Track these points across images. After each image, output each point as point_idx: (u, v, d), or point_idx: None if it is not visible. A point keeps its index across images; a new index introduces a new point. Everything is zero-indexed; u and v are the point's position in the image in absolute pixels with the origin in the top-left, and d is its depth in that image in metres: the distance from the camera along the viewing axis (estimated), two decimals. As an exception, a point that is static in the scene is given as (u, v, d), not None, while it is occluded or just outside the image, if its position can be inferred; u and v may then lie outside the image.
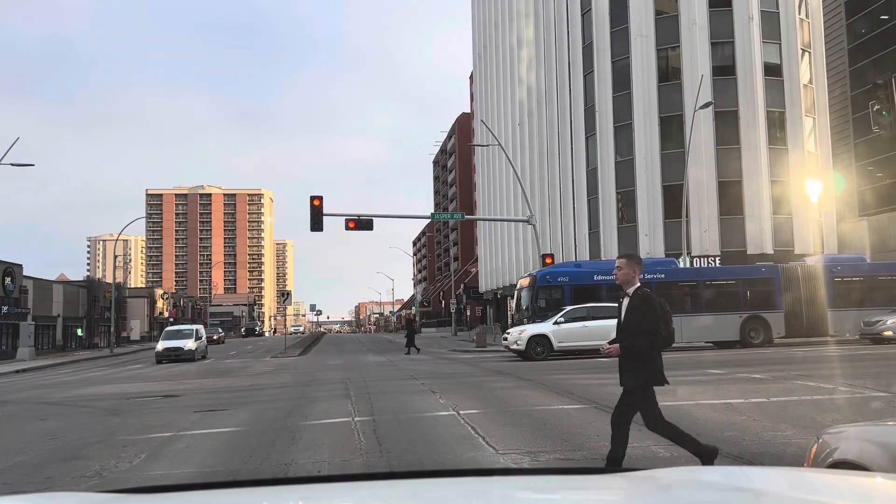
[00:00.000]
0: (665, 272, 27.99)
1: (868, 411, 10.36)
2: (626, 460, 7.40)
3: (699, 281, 28.44)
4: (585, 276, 27.86)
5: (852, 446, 3.55)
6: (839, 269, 28.49)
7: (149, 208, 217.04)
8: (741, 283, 28.15)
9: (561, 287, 27.60)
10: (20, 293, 54.46)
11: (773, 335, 27.17)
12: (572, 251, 47.09)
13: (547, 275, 28.31)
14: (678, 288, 28.09)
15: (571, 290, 27.35)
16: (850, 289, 28.09)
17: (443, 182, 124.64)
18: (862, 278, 28.33)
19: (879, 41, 43.35)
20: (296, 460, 8.07)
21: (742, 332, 27.09)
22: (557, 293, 27.52)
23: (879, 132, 20.75)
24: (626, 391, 6.67)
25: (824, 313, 27.43)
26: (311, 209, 31.59)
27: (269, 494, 2.41)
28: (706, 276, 29.29)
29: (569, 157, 47.70)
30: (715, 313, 27.21)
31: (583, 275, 28.06)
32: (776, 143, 40.76)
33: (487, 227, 73.19)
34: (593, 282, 27.27)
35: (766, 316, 27.23)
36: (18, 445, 10.15)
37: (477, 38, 77.44)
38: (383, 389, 15.76)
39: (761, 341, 26.90)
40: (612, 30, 43.32)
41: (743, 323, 27.13)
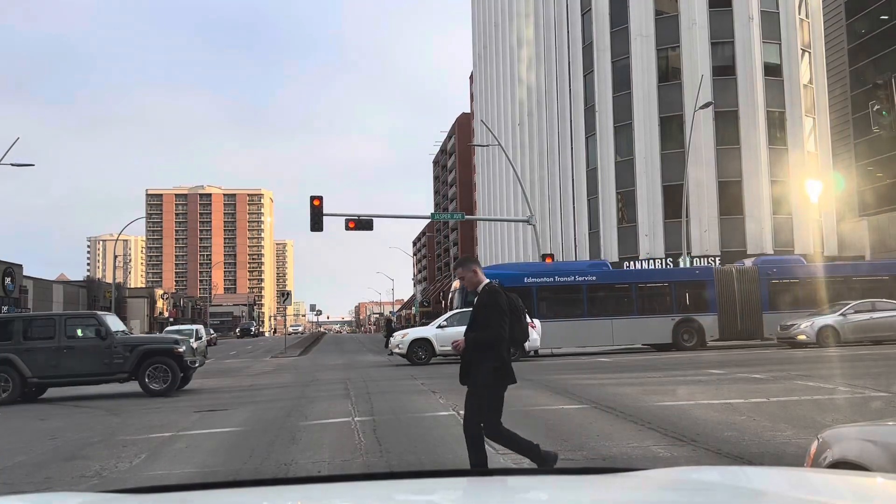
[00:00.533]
0: (597, 274, 27.65)
1: (868, 411, 10.35)
2: (627, 460, 7.40)
3: (631, 283, 28.09)
4: (515, 279, 27.00)
5: (852, 446, 3.55)
6: (775, 271, 28.07)
7: (149, 208, 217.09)
8: (674, 286, 27.73)
9: None
10: (20, 293, 54.47)
11: (706, 338, 26.77)
12: (572, 251, 47.11)
13: None
14: (610, 290, 27.79)
15: None
16: (785, 291, 27.73)
17: (443, 182, 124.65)
18: (798, 280, 27.97)
19: (879, 41, 43.36)
20: (296, 460, 8.07)
21: (675, 335, 26.60)
22: None
23: (879, 132, 20.77)
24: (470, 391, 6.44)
25: (759, 316, 27.03)
26: (311, 209, 31.59)
27: (269, 494, 2.41)
28: (638, 278, 29.02)
29: (569, 157, 47.72)
30: (647, 316, 26.86)
31: (512, 277, 27.22)
32: (776, 143, 40.77)
33: (487, 227, 73.21)
34: (523, 284, 26.55)
35: (699, 318, 26.81)
36: (18, 445, 10.16)
37: (477, 38, 77.47)
38: (383, 389, 15.77)
39: (694, 344, 26.50)
40: (612, 30, 43.33)
41: (675, 325, 26.67)
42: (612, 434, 8.97)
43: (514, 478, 2.92)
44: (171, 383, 16.73)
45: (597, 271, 28.05)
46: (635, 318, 26.93)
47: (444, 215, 53.41)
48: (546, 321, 26.01)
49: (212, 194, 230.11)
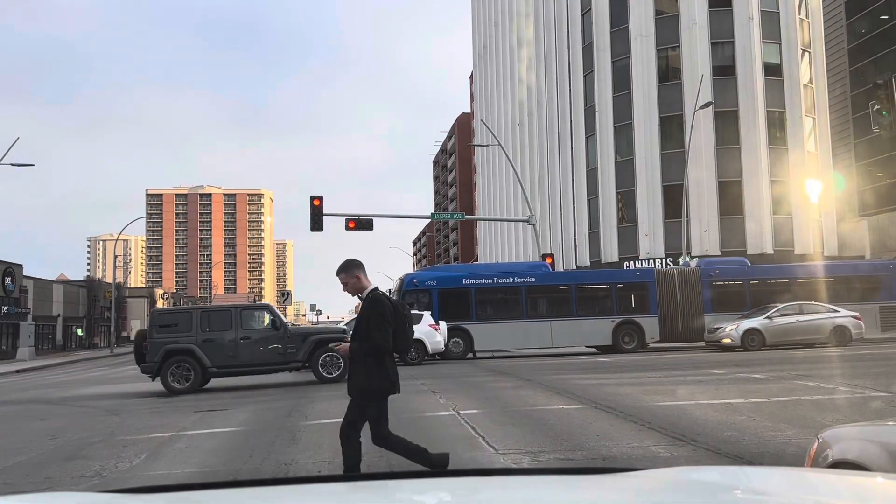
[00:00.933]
0: (536, 276, 27.49)
1: (868, 411, 10.36)
2: (627, 460, 7.40)
3: (571, 285, 27.79)
4: (454, 280, 26.96)
5: (852, 446, 3.55)
6: (717, 272, 27.96)
7: (149, 208, 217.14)
8: (614, 287, 27.61)
9: (429, 291, 26.59)
10: (20, 293, 54.48)
11: (646, 340, 26.71)
12: (572, 251, 47.12)
13: (414, 279, 27.57)
14: (549, 291, 27.65)
15: (439, 295, 26.49)
16: (727, 293, 27.57)
17: (443, 182, 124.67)
18: (740, 282, 27.81)
19: (879, 41, 43.37)
20: (296, 460, 8.08)
21: (615, 337, 26.54)
22: (425, 297, 26.51)
23: (879, 132, 20.77)
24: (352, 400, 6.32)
25: (701, 318, 26.85)
26: (311, 209, 31.59)
27: (270, 494, 2.41)
28: (579, 280, 28.76)
29: (569, 157, 47.72)
30: (587, 317, 26.72)
31: (451, 279, 27.18)
32: (776, 143, 40.77)
33: (487, 226, 73.22)
34: (462, 286, 26.52)
35: (639, 320, 26.75)
36: (18, 445, 10.15)
37: (477, 38, 77.48)
38: (383, 389, 15.74)
39: (634, 346, 26.42)
40: (612, 30, 43.33)
41: (616, 327, 26.62)
42: (612, 434, 8.97)
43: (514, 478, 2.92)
44: (342, 371, 17.54)
45: (536, 273, 27.84)
46: (575, 319, 26.79)
47: (444, 215, 53.37)
48: (484, 323, 26.12)
49: (212, 194, 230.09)
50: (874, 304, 27.04)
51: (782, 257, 39.07)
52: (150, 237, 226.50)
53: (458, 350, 26.05)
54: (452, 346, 25.84)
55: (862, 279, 28.12)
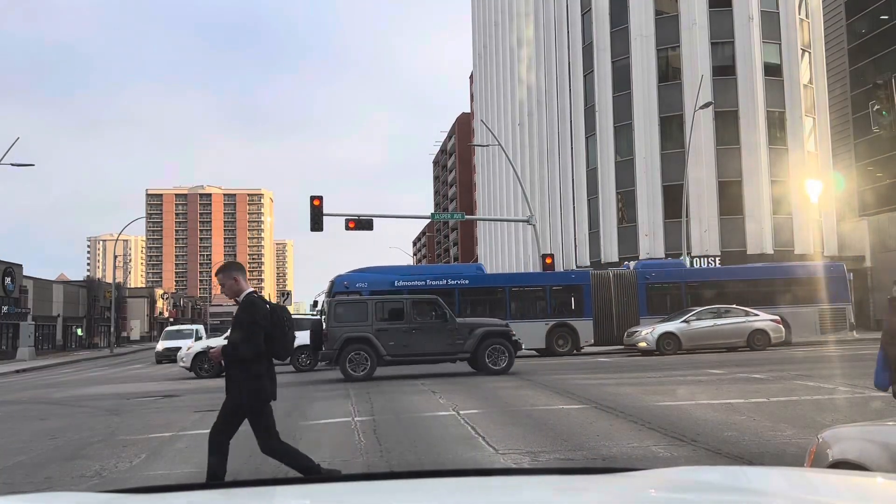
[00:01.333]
0: (469, 278, 27.17)
1: (868, 411, 10.36)
2: (627, 460, 7.40)
3: (505, 287, 27.51)
4: (385, 282, 26.54)
5: (852, 446, 3.56)
6: (653, 275, 27.65)
7: (149, 208, 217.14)
8: (548, 290, 27.41)
9: (359, 293, 26.14)
10: (20, 293, 54.50)
11: (580, 343, 26.51)
12: (572, 251, 47.12)
13: (344, 281, 27.01)
14: (483, 294, 27.34)
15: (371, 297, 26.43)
16: (664, 295, 27.32)
17: (443, 182, 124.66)
18: (677, 284, 27.56)
19: (879, 41, 43.37)
20: (296, 460, 8.06)
21: (548, 340, 26.29)
22: None
23: (879, 132, 20.76)
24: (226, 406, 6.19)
25: (636, 320, 26.56)
26: (311, 209, 31.59)
27: (269, 494, 2.41)
28: (512, 282, 28.39)
29: (569, 157, 47.72)
30: (520, 320, 26.23)
31: (382, 280, 26.71)
32: (776, 143, 40.76)
33: (487, 227, 73.22)
34: (394, 287, 26.01)
35: (573, 323, 26.52)
36: (18, 445, 10.15)
37: (477, 38, 77.49)
38: (383, 389, 15.76)
39: (568, 349, 26.22)
40: (612, 30, 43.33)
41: (549, 330, 26.35)
42: (612, 434, 8.97)
43: (514, 478, 2.92)
44: (508, 363, 18.39)
45: (470, 275, 27.53)
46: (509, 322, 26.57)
47: (444, 215, 53.36)
48: None
49: (212, 194, 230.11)
50: (815, 306, 26.66)
51: (782, 257, 39.05)
52: (150, 237, 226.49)
53: None
54: None
55: (804, 281, 27.68)
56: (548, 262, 33.09)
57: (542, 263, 33.14)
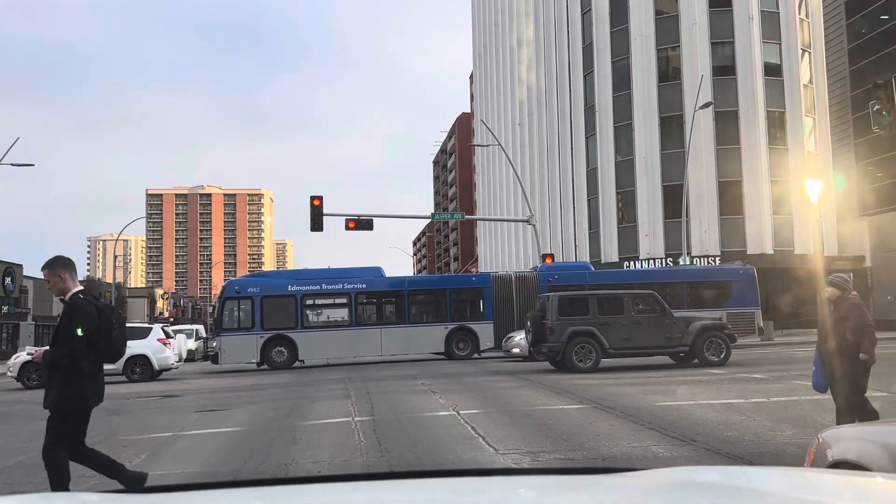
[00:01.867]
0: (367, 281, 26.76)
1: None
2: (627, 460, 7.41)
3: (404, 291, 27.03)
4: (279, 287, 26.26)
5: (852, 446, 3.56)
6: (556, 277, 27.30)
7: (149, 208, 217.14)
8: (448, 293, 26.99)
9: (251, 298, 25.82)
10: (20, 293, 54.51)
11: (480, 347, 26.25)
12: (572, 251, 47.13)
13: (236, 286, 26.88)
14: (382, 298, 27.12)
15: (262, 302, 25.77)
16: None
17: (443, 182, 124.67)
18: (580, 287, 26.73)
19: (879, 41, 43.36)
20: (296, 460, 8.08)
21: (448, 344, 26.07)
22: (247, 305, 25.82)
23: (879, 132, 20.77)
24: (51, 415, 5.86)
25: None
26: (311, 209, 31.60)
27: (270, 494, 2.41)
28: (411, 286, 27.87)
29: (569, 157, 47.73)
30: (420, 324, 26.28)
31: (275, 285, 26.46)
32: (776, 143, 40.76)
33: (487, 226, 73.23)
34: (287, 292, 25.83)
35: (473, 327, 26.31)
36: (18, 445, 10.16)
37: (477, 38, 77.49)
38: (383, 389, 15.77)
39: (468, 353, 26.02)
40: (612, 30, 43.33)
41: (449, 334, 26.11)
42: (612, 434, 8.97)
43: (514, 478, 2.92)
44: (725, 355, 18.82)
45: (367, 278, 27.08)
46: (407, 326, 26.27)
47: (444, 215, 53.36)
48: (310, 331, 25.57)
49: (212, 194, 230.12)
50: (722, 310, 26.24)
51: (782, 257, 39.08)
52: (150, 237, 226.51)
53: (282, 360, 25.25)
54: (275, 356, 25.24)
55: (711, 284, 27.53)
56: (548, 262, 33.09)
57: (542, 263, 33.14)
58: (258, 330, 25.48)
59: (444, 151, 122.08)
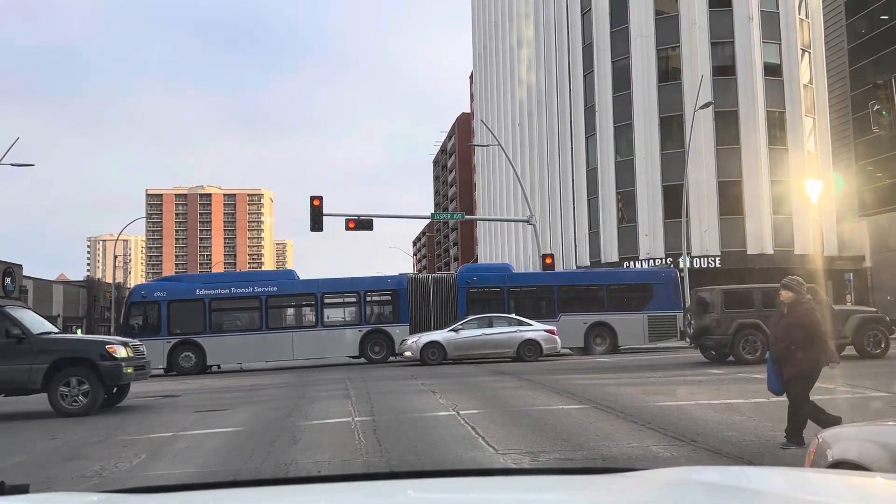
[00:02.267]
0: (278, 284, 26.29)
1: (868, 411, 10.37)
2: (627, 460, 7.41)
3: (317, 294, 26.23)
4: (186, 291, 25.72)
5: (852, 446, 3.56)
6: (475, 279, 27.04)
7: (149, 208, 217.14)
8: (363, 296, 26.43)
9: (157, 303, 25.34)
10: (20, 293, 54.51)
11: (395, 350, 25.54)
12: (572, 251, 47.13)
13: (143, 290, 26.49)
14: (293, 301, 26.67)
15: (169, 307, 25.27)
16: (488, 300, 26.70)
17: (443, 182, 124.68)
18: (498, 289, 26.81)
19: (879, 41, 43.37)
20: (296, 460, 8.08)
21: (362, 347, 25.60)
22: (153, 310, 25.35)
23: (879, 132, 20.78)
24: None
25: None
26: (311, 209, 31.61)
27: (270, 494, 2.41)
28: (325, 289, 26.70)
29: (569, 157, 47.73)
30: (333, 328, 25.82)
31: (183, 289, 25.86)
32: (776, 143, 40.77)
33: (487, 227, 73.23)
34: (195, 297, 25.38)
35: (389, 329, 25.83)
36: (18, 445, 10.16)
37: (477, 39, 77.49)
38: (383, 389, 15.77)
39: (383, 356, 25.61)
40: (612, 30, 43.34)
41: (363, 337, 25.66)
42: (612, 434, 8.97)
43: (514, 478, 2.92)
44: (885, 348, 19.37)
45: (279, 281, 26.77)
46: (320, 330, 25.79)
47: (444, 215, 53.41)
48: (219, 336, 25.19)
49: (212, 194, 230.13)
50: (642, 313, 26.32)
51: (782, 257, 39.07)
52: (150, 237, 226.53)
53: (189, 365, 24.77)
54: (182, 361, 24.77)
55: (631, 287, 27.45)
56: (548, 262, 33.12)
57: (542, 263, 33.16)
58: (164, 335, 24.89)
59: (444, 151, 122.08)
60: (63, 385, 13.08)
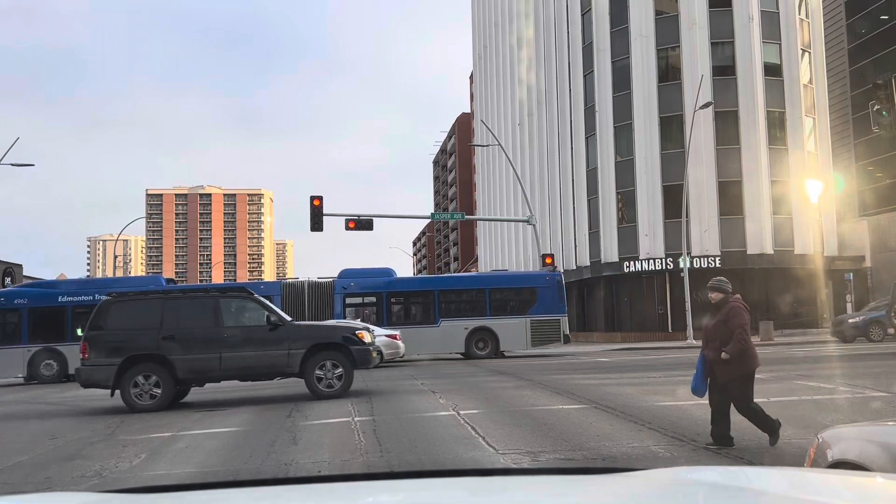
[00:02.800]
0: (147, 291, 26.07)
1: (868, 411, 10.36)
2: (627, 460, 7.41)
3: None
4: (48, 297, 25.00)
5: (852, 446, 3.56)
6: (352, 285, 26.60)
7: (149, 208, 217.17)
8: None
9: (18, 311, 24.72)
10: (20, 293, 54.46)
11: None
12: (572, 251, 47.12)
13: (2, 296, 25.78)
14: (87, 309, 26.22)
15: (30, 314, 24.74)
16: (364, 306, 26.52)
17: (443, 182, 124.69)
18: (376, 295, 26.57)
19: (879, 41, 43.35)
20: (296, 460, 8.08)
21: None
22: (14, 317, 24.76)
23: (879, 132, 20.77)
24: None
25: None
26: (311, 209, 31.60)
27: (270, 494, 2.41)
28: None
29: (569, 157, 47.71)
30: None
31: (45, 296, 25.17)
32: (776, 143, 40.76)
33: (487, 227, 73.22)
34: (57, 304, 24.67)
35: None
36: (18, 445, 10.16)
37: (477, 38, 77.49)
38: (382, 389, 15.77)
39: None
40: (612, 30, 43.32)
41: None
42: (612, 434, 8.97)
43: (514, 478, 2.92)
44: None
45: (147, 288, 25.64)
46: None
47: (444, 215, 53.37)
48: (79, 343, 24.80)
49: (212, 194, 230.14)
50: (525, 317, 26.04)
51: (782, 257, 39.09)
52: (150, 237, 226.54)
53: (51, 374, 24.28)
54: (44, 369, 24.26)
55: (514, 291, 27.18)
56: (548, 262, 33.09)
57: (542, 263, 33.15)
58: (25, 343, 24.45)
59: (444, 151, 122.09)
60: (318, 368, 13.87)
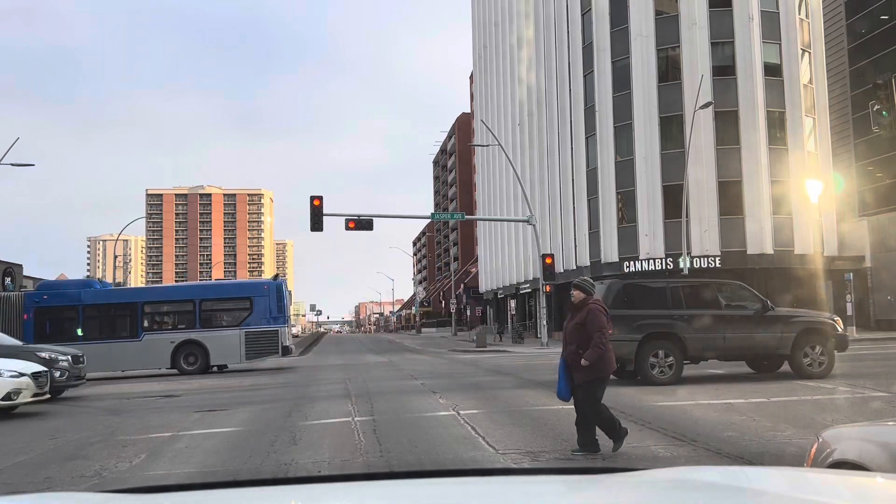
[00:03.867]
0: None
1: (868, 411, 10.37)
2: (627, 460, 7.40)
3: None
4: None
5: (852, 446, 3.56)
6: (45, 297, 24.84)
7: (149, 208, 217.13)
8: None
9: None
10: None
11: None
12: (572, 251, 47.11)
13: None
14: None
15: None
16: (60, 321, 24.57)
17: (443, 182, 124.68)
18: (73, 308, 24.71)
19: (879, 41, 43.35)
20: (296, 460, 8.08)
21: None
22: None
23: (879, 132, 20.76)
24: None
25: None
26: (311, 209, 31.59)
27: (269, 494, 2.41)
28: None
29: (569, 157, 47.70)
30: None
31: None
32: (776, 143, 40.74)
33: (487, 227, 73.20)
34: None
35: None
36: (18, 445, 10.15)
37: (477, 38, 77.46)
38: (383, 389, 15.77)
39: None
40: (612, 30, 43.31)
41: None
42: (612, 434, 8.95)
43: (514, 478, 2.93)
44: None
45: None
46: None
47: (444, 215, 53.41)
48: None
49: (212, 194, 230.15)
50: (239, 329, 24.60)
51: (782, 257, 39.07)
52: (150, 237, 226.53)
53: None
54: None
55: (226, 301, 25.96)
56: (548, 262, 33.12)
57: (542, 263, 33.15)
58: None
59: (444, 151, 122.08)
60: None
